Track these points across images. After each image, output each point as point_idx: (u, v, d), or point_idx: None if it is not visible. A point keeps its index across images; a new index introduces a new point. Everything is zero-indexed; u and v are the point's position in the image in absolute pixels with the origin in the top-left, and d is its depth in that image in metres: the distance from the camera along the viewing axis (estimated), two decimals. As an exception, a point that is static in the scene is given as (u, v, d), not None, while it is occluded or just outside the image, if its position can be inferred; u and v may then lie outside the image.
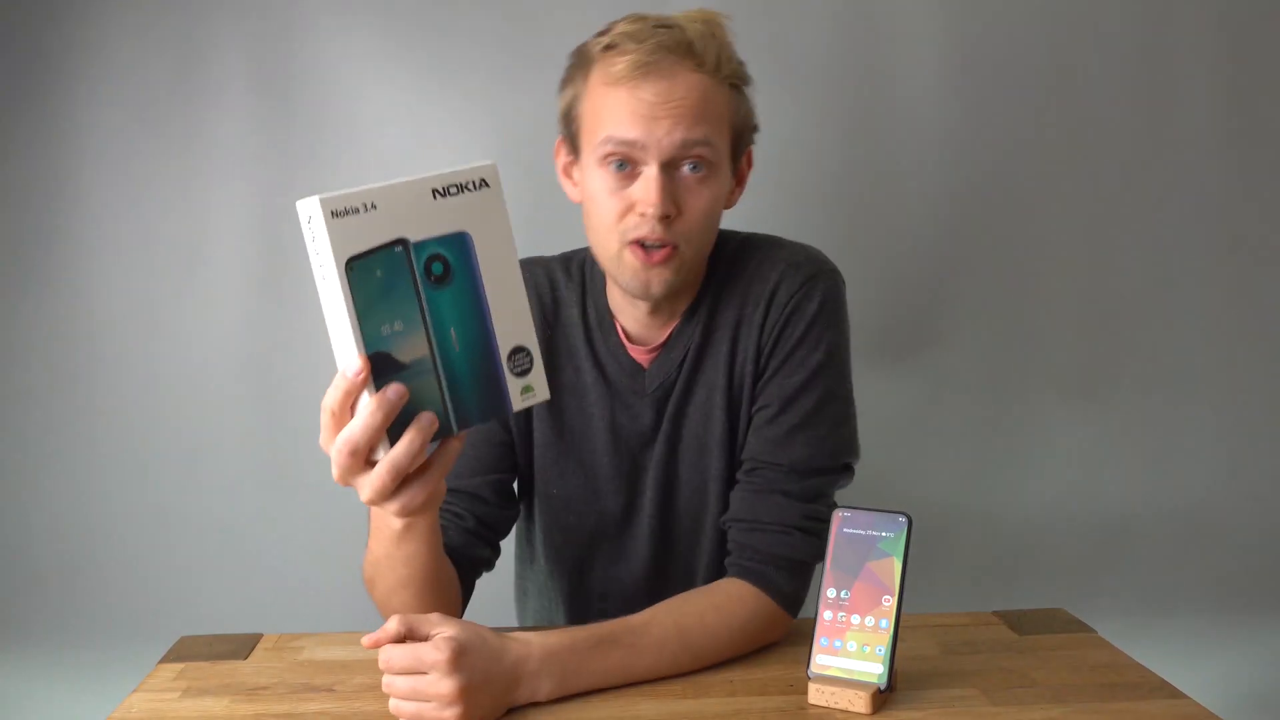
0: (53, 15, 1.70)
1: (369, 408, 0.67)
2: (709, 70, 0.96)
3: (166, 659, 0.98)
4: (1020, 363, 1.85)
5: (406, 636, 0.83)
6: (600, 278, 1.09)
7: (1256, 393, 1.88)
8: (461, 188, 0.69)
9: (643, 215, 0.95)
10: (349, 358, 0.66)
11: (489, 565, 1.07)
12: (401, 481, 0.71)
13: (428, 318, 0.68)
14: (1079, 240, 1.84)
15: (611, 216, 0.97)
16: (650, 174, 0.95)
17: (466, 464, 1.06)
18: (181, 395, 1.76)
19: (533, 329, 0.74)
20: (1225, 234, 1.85)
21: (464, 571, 1.03)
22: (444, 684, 0.79)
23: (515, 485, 1.12)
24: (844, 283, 1.07)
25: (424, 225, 0.67)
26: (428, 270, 0.68)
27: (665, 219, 0.95)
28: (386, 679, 0.82)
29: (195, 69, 1.72)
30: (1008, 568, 1.84)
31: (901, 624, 0.85)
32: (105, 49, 1.71)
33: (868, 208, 1.80)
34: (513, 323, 0.72)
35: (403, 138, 1.74)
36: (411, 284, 0.67)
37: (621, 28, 0.97)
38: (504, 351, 0.72)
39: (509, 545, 1.25)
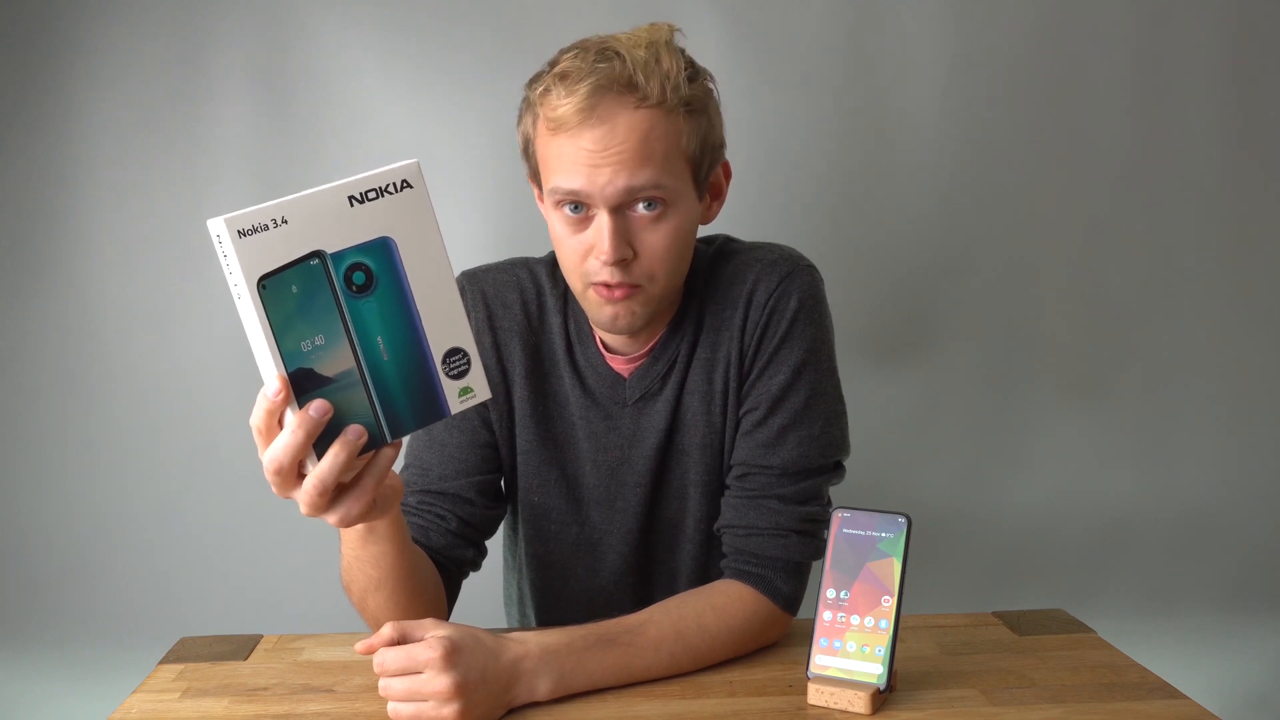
0: (52, 15, 1.70)
1: (290, 426, 0.66)
2: (654, 103, 0.91)
3: (166, 660, 0.98)
4: (1020, 363, 1.85)
5: (400, 641, 0.83)
6: None
7: (1256, 393, 1.88)
8: (381, 191, 0.66)
9: (600, 261, 0.94)
10: (268, 377, 0.65)
11: (474, 566, 1.07)
12: (336, 493, 0.71)
13: (351, 329, 0.67)
14: (1079, 240, 1.84)
15: (574, 259, 0.97)
16: (601, 221, 0.93)
17: (449, 466, 1.05)
18: (181, 395, 1.76)
19: (469, 329, 0.72)
20: (1225, 234, 1.85)
21: (448, 573, 1.02)
22: (439, 681, 0.79)
23: (502, 484, 1.12)
24: (821, 278, 1.06)
25: (342, 234, 0.65)
26: (348, 280, 0.66)
27: (622, 263, 0.94)
28: (383, 683, 0.82)
29: (195, 69, 1.72)
30: (1008, 568, 1.84)
31: (901, 624, 0.85)
32: (105, 49, 1.72)
33: (868, 208, 1.80)
34: (446, 325, 0.71)
35: (403, 135, 1.74)
36: (331, 296, 0.65)
37: (562, 65, 0.94)
38: (438, 355, 0.71)
39: (498, 550, 1.25)
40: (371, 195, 0.66)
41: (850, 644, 0.86)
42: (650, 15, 1.10)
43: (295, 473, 0.69)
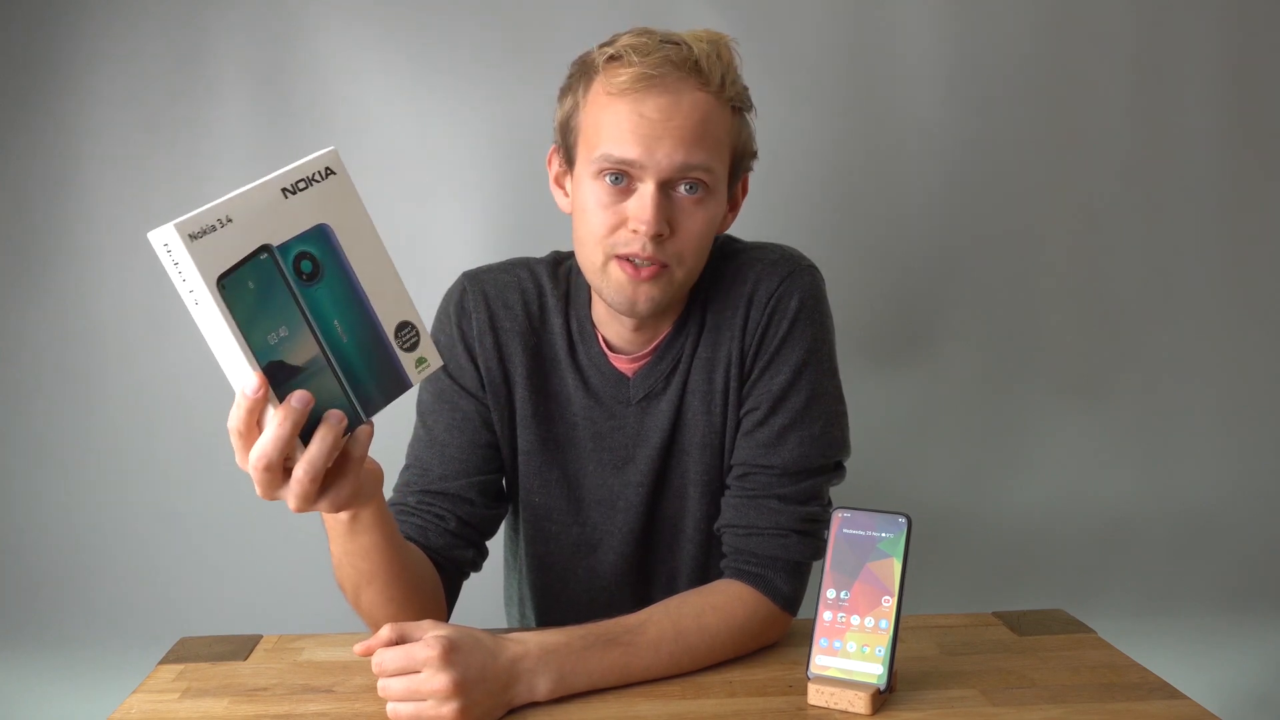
0: (52, 16, 1.70)
1: (276, 419, 0.66)
2: (714, 90, 0.94)
3: (166, 660, 0.98)
4: (1020, 363, 1.85)
5: (398, 642, 0.83)
6: (585, 288, 1.07)
7: (1256, 393, 1.88)
8: (309, 180, 0.68)
9: (635, 232, 0.94)
10: (244, 376, 0.65)
11: (475, 566, 1.07)
12: (324, 481, 0.71)
13: (309, 317, 0.68)
14: (1079, 240, 1.84)
15: (602, 230, 0.96)
16: (646, 192, 0.93)
17: (450, 466, 1.05)
18: (181, 395, 1.76)
19: (412, 303, 0.74)
20: (1225, 234, 1.85)
21: (448, 574, 1.02)
22: (438, 679, 0.79)
23: (503, 483, 1.12)
24: (823, 278, 1.06)
25: (283, 226, 0.67)
26: (298, 270, 0.67)
27: (658, 238, 0.94)
28: (382, 683, 0.82)
29: (195, 68, 1.72)
30: (1008, 568, 1.84)
31: (901, 624, 0.85)
32: (107, 50, 1.72)
33: (869, 209, 1.80)
34: (391, 301, 0.72)
35: (403, 134, 1.74)
36: (286, 287, 0.67)
37: (626, 40, 0.95)
38: (389, 331, 0.73)
39: (499, 550, 1.25)
40: (301, 185, 0.68)
41: (850, 644, 0.86)
42: (650, 16, 1.10)
43: (282, 468, 0.69)
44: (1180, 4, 1.78)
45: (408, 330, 0.73)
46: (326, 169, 0.69)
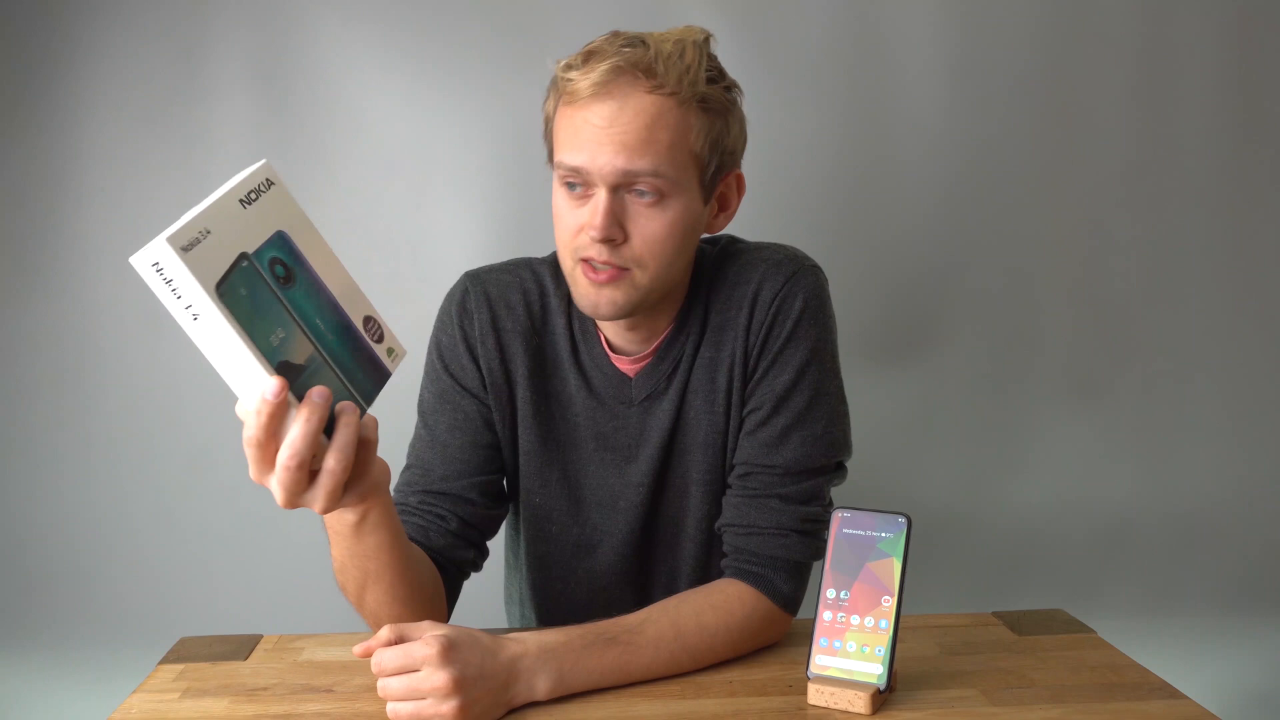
0: (53, 15, 1.70)
1: (301, 417, 0.67)
2: (667, 91, 0.93)
3: (166, 660, 0.98)
4: (1020, 363, 1.85)
5: (398, 643, 0.83)
6: None
7: (1256, 393, 1.88)
8: (258, 191, 0.69)
9: (590, 236, 0.95)
10: (260, 380, 0.65)
11: (475, 566, 1.07)
12: (350, 478, 0.73)
13: (297, 317, 0.69)
14: (1079, 240, 1.84)
15: (567, 235, 0.98)
16: (598, 197, 0.94)
17: (451, 466, 1.06)
18: (181, 396, 1.76)
19: (366, 297, 0.76)
20: (1225, 234, 1.85)
21: (449, 574, 1.02)
22: (437, 676, 0.80)
23: (504, 484, 1.12)
24: (826, 279, 1.06)
25: (250, 235, 0.68)
26: (274, 274, 0.68)
27: (610, 242, 0.95)
28: (381, 683, 0.82)
29: (196, 69, 1.72)
30: (1008, 568, 1.84)
31: (901, 624, 0.85)
32: (106, 49, 1.72)
33: (871, 209, 1.80)
34: (352, 298, 0.74)
35: (403, 134, 1.74)
36: (270, 291, 0.68)
37: (590, 45, 0.96)
38: (358, 325, 0.75)
39: (499, 550, 1.25)
40: (253, 196, 0.69)
41: (850, 644, 0.86)
42: (651, 16, 1.11)
43: (309, 467, 0.69)
44: (1181, 4, 1.78)
45: (373, 324, 0.76)
46: (267, 180, 0.70)
